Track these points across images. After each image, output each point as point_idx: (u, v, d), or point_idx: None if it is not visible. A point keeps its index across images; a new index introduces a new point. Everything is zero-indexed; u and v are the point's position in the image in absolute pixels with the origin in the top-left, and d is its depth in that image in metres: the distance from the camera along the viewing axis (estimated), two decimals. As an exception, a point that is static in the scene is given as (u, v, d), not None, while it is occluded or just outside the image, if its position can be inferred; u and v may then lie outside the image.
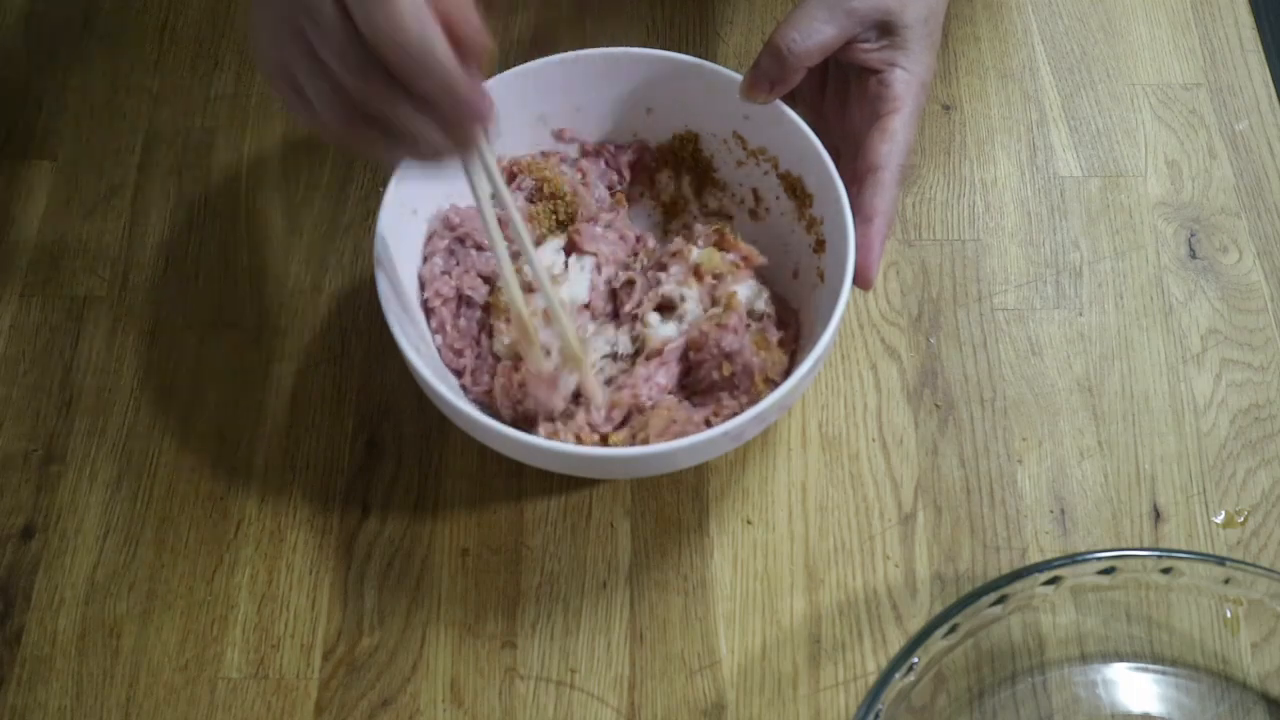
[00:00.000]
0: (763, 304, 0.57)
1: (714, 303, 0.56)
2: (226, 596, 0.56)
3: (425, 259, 0.58)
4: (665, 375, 0.56)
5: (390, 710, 0.54)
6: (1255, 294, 0.64)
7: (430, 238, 0.59)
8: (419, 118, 0.43)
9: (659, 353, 0.56)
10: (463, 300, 0.58)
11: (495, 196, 0.51)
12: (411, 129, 0.44)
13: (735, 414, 0.53)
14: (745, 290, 0.57)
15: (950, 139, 0.69)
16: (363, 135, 0.44)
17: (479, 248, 0.59)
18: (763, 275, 0.59)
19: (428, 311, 0.58)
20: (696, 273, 0.57)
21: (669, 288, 0.57)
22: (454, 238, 0.59)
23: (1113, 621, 0.55)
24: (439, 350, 0.58)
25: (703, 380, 0.56)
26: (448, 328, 0.58)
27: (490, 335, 0.58)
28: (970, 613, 0.50)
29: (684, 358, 0.56)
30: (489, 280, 0.58)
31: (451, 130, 0.44)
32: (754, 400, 0.54)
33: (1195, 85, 0.71)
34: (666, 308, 0.57)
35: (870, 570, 0.57)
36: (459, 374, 0.57)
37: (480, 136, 0.46)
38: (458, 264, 0.58)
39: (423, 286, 0.58)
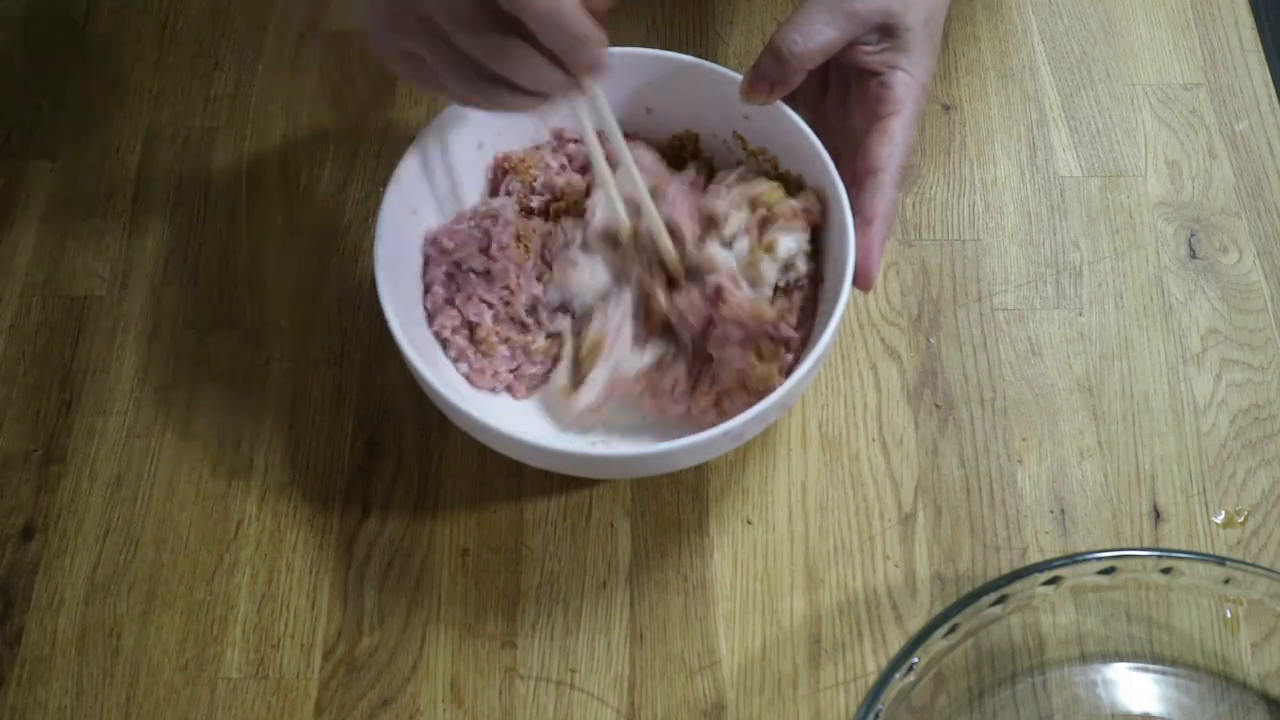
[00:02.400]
0: (803, 263, 0.56)
1: (760, 236, 0.56)
2: (226, 596, 0.56)
3: (426, 289, 0.58)
4: (697, 312, 0.56)
5: (390, 710, 0.54)
6: (1255, 294, 0.64)
7: (427, 263, 0.59)
8: (541, 67, 0.47)
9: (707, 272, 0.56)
10: (471, 327, 0.58)
11: (604, 134, 0.55)
12: (533, 78, 0.47)
13: (705, 411, 0.55)
14: (791, 241, 0.56)
15: (950, 139, 0.69)
16: (482, 89, 0.48)
17: (475, 273, 0.58)
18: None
19: (442, 342, 0.58)
20: (752, 202, 0.56)
21: (719, 203, 0.56)
22: (450, 262, 0.58)
23: (1113, 621, 0.55)
24: (467, 378, 0.58)
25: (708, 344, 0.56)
26: (470, 354, 0.58)
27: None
28: (970, 613, 0.50)
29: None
30: (491, 305, 0.58)
31: (567, 72, 0.48)
32: (723, 401, 0.55)
33: (1195, 85, 0.71)
34: (710, 224, 0.57)
35: (870, 570, 0.57)
36: (509, 390, 0.58)
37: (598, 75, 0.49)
38: (459, 290, 0.58)
39: (431, 317, 0.58)
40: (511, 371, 0.58)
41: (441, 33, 0.46)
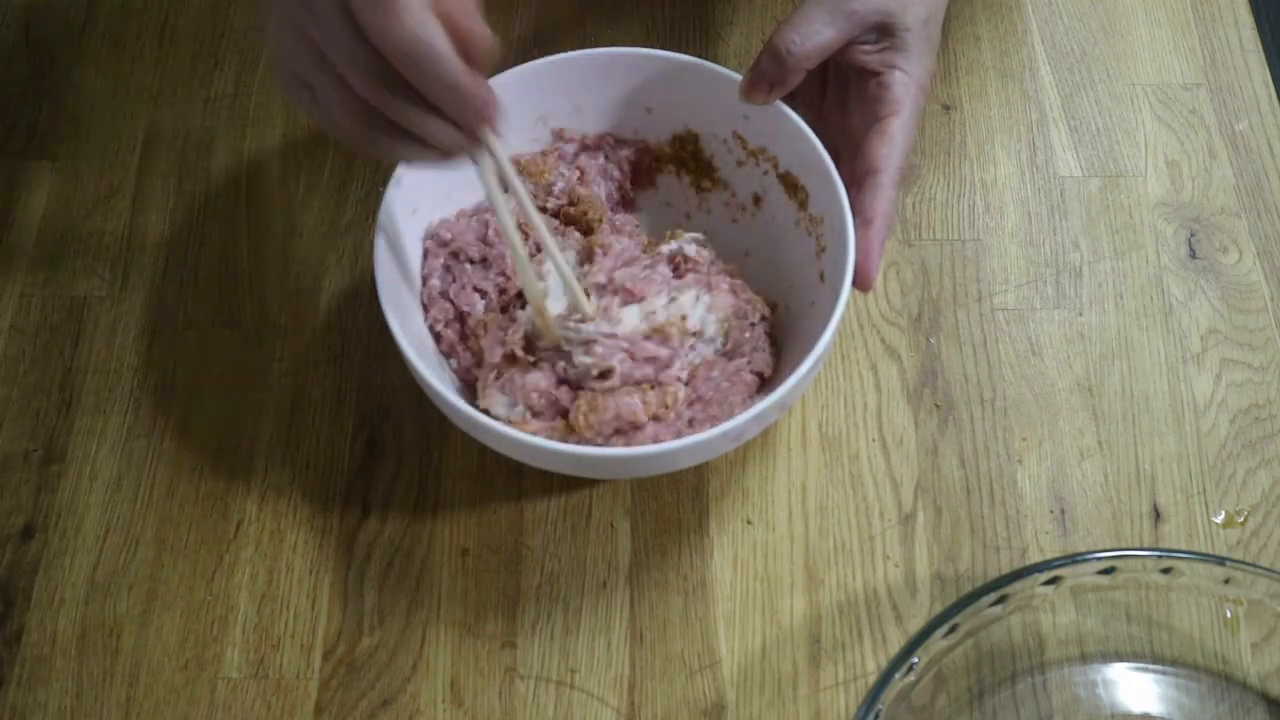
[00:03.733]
0: (713, 326, 0.56)
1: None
2: (226, 596, 0.56)
3: (424, 280, 0.58)
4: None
5: (390, 710, 0.54)
6: (1255, 294, 0.64)
7: (426, 255, 0.59)
8: (428, 118, 0.45)
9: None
10: (463, 319, 0.58)
11: (508, 190, 0.51)
12: (421, 129, 0.45)
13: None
14: (695, 306, 0.56)
15: (950, 139, 0.69)
16: (374, 136, 0.46)
17: (472, 261, 0.58)
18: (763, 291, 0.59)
19: (436, 336, 0.58)
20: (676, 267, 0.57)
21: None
22: (448, 253, 0.58)
23: (1113, 621, 0.55)
24: (455, 374, 0.57)
25: None
26: (459, 350, 0.57)
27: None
28: (970, 613, 0.50)
29: None
30: (484, 294, 0.58)
31: (460, 128, 0.45)
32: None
33: (1195, 85, 0.71)
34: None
35: (870, 570, 0.57)
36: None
37: (488, 133, 0.47)
38: (454, 280, 0.58)
39: (426, 310, 0.58)
40: None
41: (327, 60, 0.44)
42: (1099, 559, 0.52)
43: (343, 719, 0.54)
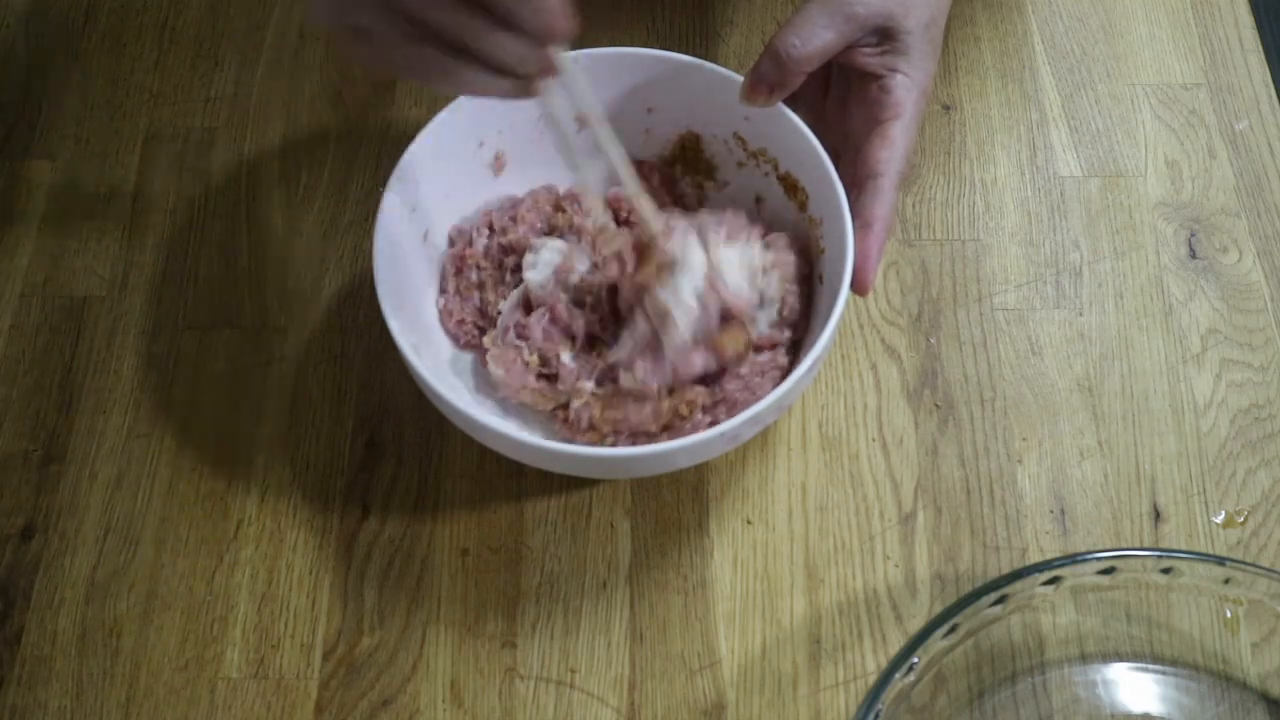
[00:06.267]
0: (765, 283, 0.56)
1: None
2: (226, 596, 0.56)
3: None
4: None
5: (390, 710, 0.54)
6: (1255, 294, 0.64)
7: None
8: (495, 31, 0.43)
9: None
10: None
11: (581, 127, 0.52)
12: (488, 45, 0.44)
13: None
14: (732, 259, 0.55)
15: (950, 139, 0.69)
16: (436, 63, 0.44)
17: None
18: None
19: (455, 332, 0.60)
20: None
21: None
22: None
23: (1113, 621, 0.55)
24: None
25: None
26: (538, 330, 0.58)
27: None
28: (970, 613, 0.50)
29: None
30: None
31: (535, 45, 0.44)
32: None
33: (1195, 85, 0.71)
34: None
35: (870, 570, 0.57)
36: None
37: (561, 56, 0.46)
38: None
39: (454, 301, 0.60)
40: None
41: (396, 4, 0.43)
42: (1099, 559, 0.52)
43: (343, 719, 0.54)
